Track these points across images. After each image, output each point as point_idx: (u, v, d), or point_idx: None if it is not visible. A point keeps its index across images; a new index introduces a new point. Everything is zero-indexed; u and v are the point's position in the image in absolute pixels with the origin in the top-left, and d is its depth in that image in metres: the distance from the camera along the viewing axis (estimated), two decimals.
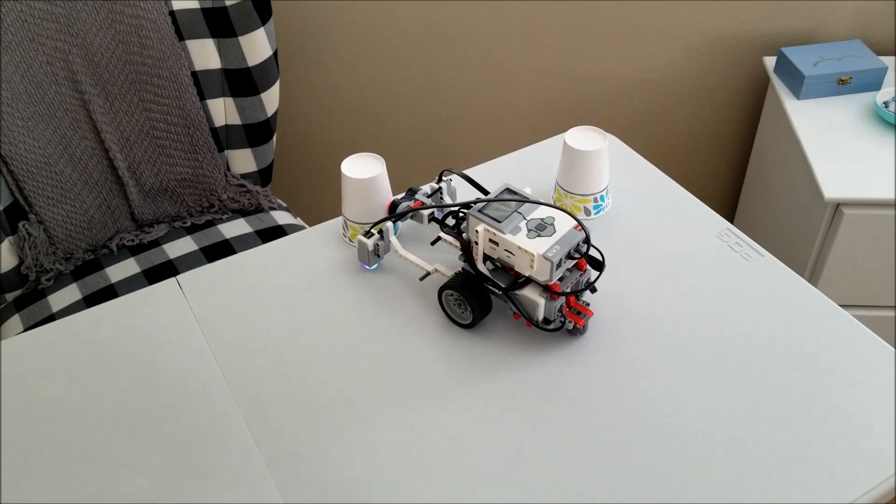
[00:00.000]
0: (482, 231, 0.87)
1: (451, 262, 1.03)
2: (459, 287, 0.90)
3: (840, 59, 1.60)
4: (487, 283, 0.90)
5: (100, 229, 1.49)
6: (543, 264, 0.84)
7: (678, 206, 1.09)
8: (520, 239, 0.85)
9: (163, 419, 0.85)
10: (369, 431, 0.83)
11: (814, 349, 0.89)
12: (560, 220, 0.87)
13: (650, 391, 0.86)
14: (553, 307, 0.88)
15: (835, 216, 1.43)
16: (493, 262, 0.91)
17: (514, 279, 0.89)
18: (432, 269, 0.98)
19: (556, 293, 0.87)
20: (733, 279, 0.98)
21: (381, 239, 1.00)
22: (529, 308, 0.89)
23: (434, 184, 1.04)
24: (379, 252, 1.01)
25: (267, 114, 1.54)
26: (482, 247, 0.89)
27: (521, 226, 0.86)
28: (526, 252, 0.84)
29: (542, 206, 0.88)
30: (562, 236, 0.85)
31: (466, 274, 0.92)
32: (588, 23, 1.74)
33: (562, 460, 0.80)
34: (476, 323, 0.93)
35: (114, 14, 1.40)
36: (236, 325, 0.95)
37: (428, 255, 1.04)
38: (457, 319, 0.94)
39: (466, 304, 0.91)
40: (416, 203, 1.01)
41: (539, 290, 0.88)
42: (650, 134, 1.94)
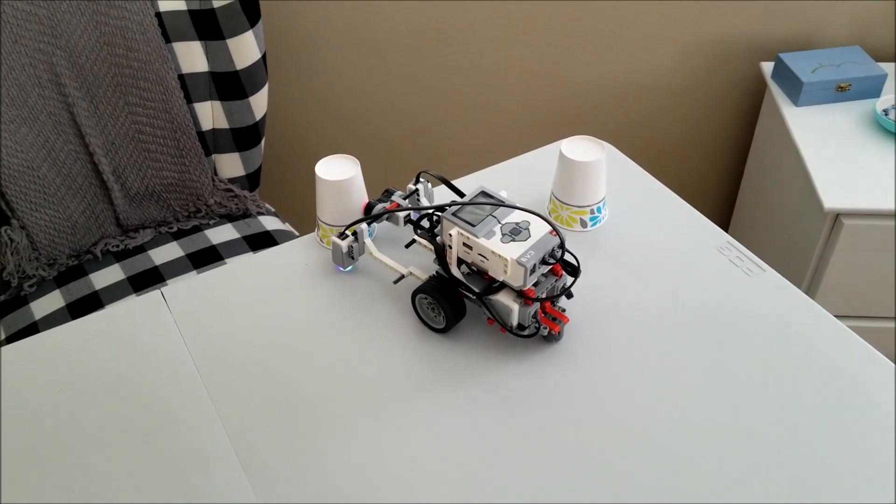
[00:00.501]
0: (456, 234, 0.85)
1: (425, 266, 1.00)
2: (433, 291, 0.89)
3: (839, 66, 1.58)
4: (461, 287, 0.88)
5: (84, 235, 1.45)
6: (517, 269, 0.82)
7: (677, 219, 1.07)
8: (493, 243, 0.83)
9: (146, 436, 0.82)
10: (351, 439, 0.81)
11: (815, 367, 0.87)
12: (535, 225, 0.85)
13: (636, 399, 0.83)
14: (527, 313, 0.86)
15: (834, 226, 1.41)
16: (468, 266, 0.89)
17: (489, 284, 0.87)
18: (406, 272, 0.96)
19: (531, 299, 0.85)
20: (734, 295, 0.96)
21: (356, 241, 0.98)
22: (503, 314, 0.87)
23: (411, 185, 1.02)
24: (353, 254, 0.99)
25: (255, 118, 1.51)
26: (456, 250, 0.87)
27: (495, 230, 0.84)
28: (499, 257, 0.82)
29: (518, 211, 0.86)
30: (536, 241, 0.83)
31: (440, 278, 0.90)
32: (581, 26, 1.71)
33: (536, 465, 0.78)
34: (449, 328, 0.91)
35: (98, 16, 1.37)
36: (220, 338, 0.92)
37: (403, 258, 1.02)
38: (430, 324, 0.92)
39: (440, 309, 0.90)
40: (392, 205, 0.99)
41: (513, 295, 0.86)
42: (644, 140, 1.91)
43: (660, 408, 0.84)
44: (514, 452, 0.80)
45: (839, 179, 1.41)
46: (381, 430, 0.82)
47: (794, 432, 0.81)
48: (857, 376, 0.86)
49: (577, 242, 1.03)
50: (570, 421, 0.83)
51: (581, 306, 0.95)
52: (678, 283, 0.98)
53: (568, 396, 0.85)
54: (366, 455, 0.80)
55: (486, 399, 0.85)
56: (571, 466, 0.79)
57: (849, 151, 1.47)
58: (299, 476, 0.79)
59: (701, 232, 1.05)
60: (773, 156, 1.64)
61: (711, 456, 0.79)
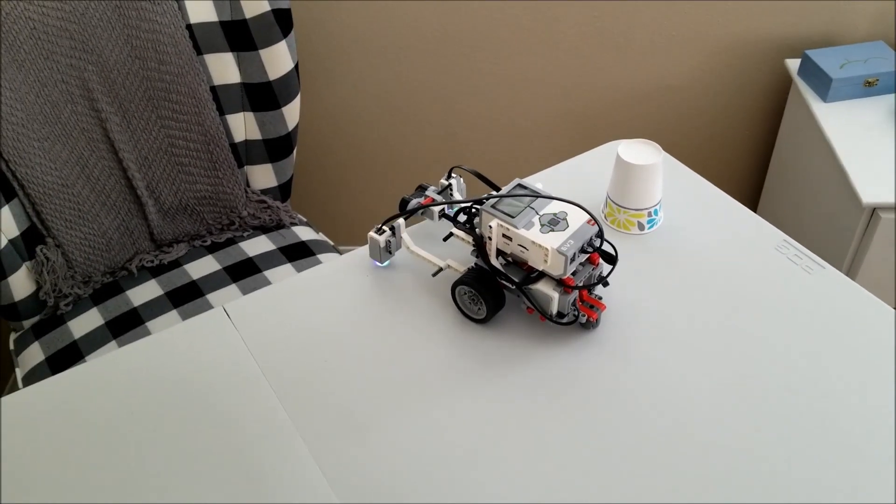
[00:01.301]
0: (496, 226, 0.87)
1: (462, 258, 1.02)
2: (473, 282, 0.91)
3: (865, 62, 1.59)
4: (501, 277, 0.90)
5: (118, 251, 1.44)
6: (557, 259, 0.84)
7: (732, 219, 1.07)
8: (533, 234, 0.85)
9: (225, 451, 0.81)
10: (409, 428, 0.82)
11: (879, 360, 0.87)
12: (573, 215, 0.87)
13: (684, 389, 0.83)
14: (567, 301, 0.88)
15: (871, 220, 1.41)
16: (505, 258, 0.91)
17: (527, 274, 0.89)
18: (444, 265, 0.98)
19: (570, 287, 0.87)
20: (795, 292, 0.96)
21: (393, 235, 1.00)
22: (543, 302, 0.89)
23: (444, 180, 1.03)
24: (391, 249, 1.01)
25: (288, 128, 1.50)
26: (495, 242, 0.89)
27: (534, 221, 0.87)
28: (540, 247, 0.84)
29: (555, 201, 0.88)
30: (575, 231, 0.85)
31: (479, 269, 0.92)
32: (606, 29, 1.71)
33: (580, 452, 0.80)
34: (490, 318, 0.93)
35: (129, 29, 1.35)
36: (284, 349, 0.91)
37: (439, 252, 1.03)
38: (470, 315, 0.94)
39: (480, 299, 0.92)
40: (427, 200, 1.00)
41: (553, 284, 0.88)
42: (672, 139, 1.91)
43: (708, 400, 0.84)
44: (561, 438, 0.81)
45: (874, 174, 1.41)
46: (433, 418, 0.84)
47: (864, 424, 0.81)
48: None
49: (636, 245, 1.03)
50: (610, 406, 0.84)
51: (636, 303, 0.95)
52: (738, 282, 0.98)
53: (606, 385, 0.86)
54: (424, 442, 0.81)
55: (529, 386, 0.87)
56: (612, 450, 0.80)
57: (880, 145, 1.48)
58: (371, 470, 0.78)
59: (757, 231, 1.05)
60: (802, 152, 1.65)
61: (768, 447, 0.79)
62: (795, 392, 0.85)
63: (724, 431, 0.82)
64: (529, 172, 1.97)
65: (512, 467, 0.79)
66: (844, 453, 0.79)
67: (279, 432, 0.83)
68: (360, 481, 0.79)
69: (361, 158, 1.94)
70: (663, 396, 0.85)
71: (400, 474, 0.79)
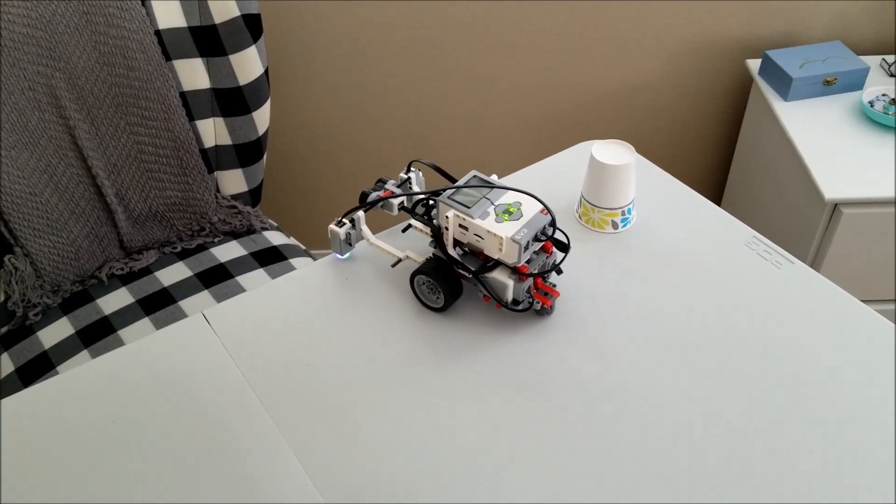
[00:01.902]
0: (452, 217, 0.90)
1: (421, 249, 1.05)
2: (431, 272, 0.94)
3: (824, 61, 1.63)
4: (458, 267, 0.93)
5: (88, 259, 1.43)
6: (511, 247, 0.86)
7: (702, 217, 1.09)
8: (488, 223, 0.88)
9: (208, 453, 0.81)
10: (378, 417, 0.81)
11: (855, 355, 0.90)
12: (527, 205, 0.90)
13: (655, 387, 0.85)
14: (521, 288, 0.91)
15: (832, 216, 1.45)
16: (462, 248, 0.94)
17: (484, 263, 0.92)
18: (403, 255, 1.01)
19: (525, 275, 0.90)
20: (765, 286, 0.99)
21: (353, 228, 1.02)
22: (499, 290, 0.92)
23: (403, 175, 1.05)
24: (351, 241, 1.03)
25: (258, 133, 1.49)
26: (452, 232, 0.91)
27: (489, 211, 0.89)
28: (495, 235, 0.87)
29: (510, 192, 0.92)
30: (528, 220, 0.88)
31: (437, 259, 0.95)
32: (575, 31, 1.74)
33: (535, 433, 0.83)
34: (448, 306, 0.95)
35: (97, 35, 1.34)
36: (268, 358, 0.91)
37: (399, 244, 1.06)
38: (429, 304, 0.97)
39: (438, 289, 0.94)
40: (386, 192, 1.02)
41: (508, 272, 0.91)
42: (636, 139, 1.94)
43: (677, 394, 0.86)
44: (514, 420, 0.84)
45: (835, 170, 1.45)
46: (394, 407, 0.86)
47: (834, 412, 0.84)
48: (889, 356, 0.90)
49: (610, 244, 1.05)
50: (566, 388, 0.87)
51: (611, 300, 0.97)
52: (710, 276, 1.00)
53: (563, 368, 0.89)
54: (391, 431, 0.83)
55: (486, 371, 0.89)
56: (568, 434, 0.83)
57: (840, 142, 1.52)
58: (356, 469, 0.79)
59: (727, 228, 1.07)
60: (764, 149, 1.69)
61: (744, 440, 0.82)
62: (766, 380, 0.87)
63: (682, 415, 0.84)
64: (504, 174, 1.99)
65: (472, 451, 0.82)
66: (815, 442, 0.82)
67: (263, 435, 0.83)
68: (344, 480, 0.79)
69: (332, 163, 1.94)
70: (622, 381, 0.88)
71: (383, 472, 0.80)
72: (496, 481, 0.79)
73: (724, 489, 0.78)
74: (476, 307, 0.97)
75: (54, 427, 0.85)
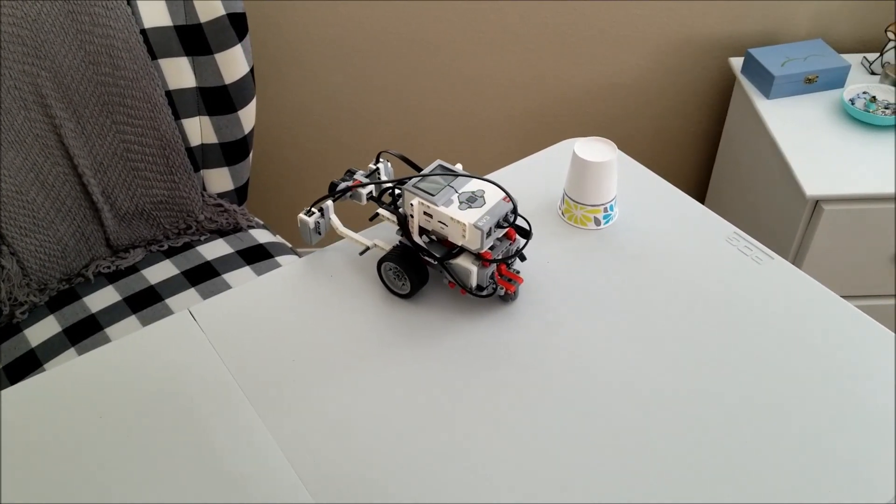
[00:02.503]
0: (417, 204, 0.92)
1: (388, 238, 1.07)
2: (397, 259, 0.96)
3: (805, 59, 1.65)
4: (423, 254, 0.95)
5: (74, 257, 1.43)
6: (474, 233, 0.89)
7: (684, 213, 1.10)
8: (452, 210, 0.90)
9: (192, 449, 0.81)
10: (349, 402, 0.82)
11: (833, 348, 0.91)
12: (489, 193, 0.92)
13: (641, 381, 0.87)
14: (485, 274, 0.93)
15: (814, 212, 1.47)
16: (428, 235, 0.96)
17: (449, 250, 0.94)
18: (371, 244, 1.03)
19: (488, 261, 0.92)
20: (746, 282, 1.00)
21: (322, 217, 1.04)
22: (463, 276, 0.94)
23: (372, 165, 1.07)
24: (320, 230, 1.05)
25: (244, 131, 1.50)
26: (417, 220, 0.94)
27: (453, 199, 0.92)
28: (458, 222, 0.89)
29: (474, 180, 0.94)
30: (491, 207, 0.90)
31: (403, 247, 0.97)
32: (559, 30, 1.75)
33: (500, 417, 0.85)
34: (414, 292, 0.98)
35: (83, 34, 1.35)
36: (255, 355, 0.92)
37: (368, 233, 1.08)
38: (396, 290, 0.99)
39: (405, 275, 0.96)
40: (355, 182, 1.04)
41: (471, 258, 0.93)
42: (622, 135, 1.96)
43: (664, 388, 0.87)
44: (479, 404, 0.87)
45: (816, 167, 1.47)
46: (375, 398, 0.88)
47: (810, 410, 0.85)
48: (868, 352, 0.91)
49: (592, 240, 1.06)
50: (531, 372, 0.90)
51: (596, 296, 0.98)
52: (692, 272, 1.01)
53: (527, 352, 0.92)
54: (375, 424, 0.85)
55: (453, 356, 0.92)
56: (531, 417, 0.85)
57: (821, 140, 1.53)
58: (346, 468, 0.80)
59: (708, 224, 1.09)
60: (747, 147, 1.71)
61: (724, 437, 0.83)
62: (745, 373, 0.89)
63: (653, 404, 0.85)
64: (489, 171, 2.00)
65: (440, 433, 0.84)
66: (793, 436, 0.83)
67: (250, 432, 0.84)
68: (334, 478, 0.80)
69: (318, 161, 1.95)
70: (590, 367, 0.91)
71: (371, 467, 0.81)
72: (475, 467, 0.81)
73: (700, 483, 0.79)
74: (442, 293, 0.99)
75: (40, 424, 0.85)
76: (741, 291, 0.99)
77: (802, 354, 0.91)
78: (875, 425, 0.84)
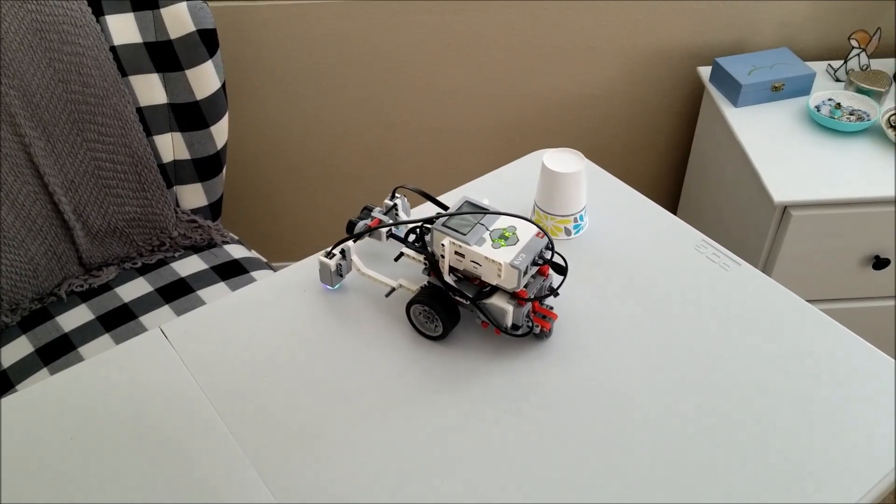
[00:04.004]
0: (448, 244, 0.89)
1: (413, 277, 1.04)
2: (428, 301, 0.92)
3: (771, 67, 1.67)
4: (455, 294, 0.92)
5: (46, 277, 1.42)
6: (511, 273, 0.86)
7: (653, 221, 1.12)
8: (486, 250, 0.87)
9: (167, 470, 0.81)
10: (363, 446, 0.82)
11: (798, 352, 0.93)
12: (522, 229, 0.90)
13: (627, 390, 0.88)
14: (521, 313, 0.90)
15: (783, 218, 1.49)
16: (456, 274, 0.93)
17: (480, 289, 0.91)
18: (396, 284, 0.99)
19: (524, 299, 0.89)
20: (714, 288, 1.01)
21: (343, 259, 1.01)
22: (498, 316, 0.91)
23: (388, 201, 1.05)
24: (341, 272, 1.02)
25: (217, 146, 1.50)
26: (448, 259, 0.90)
27: (485, 237, 0.89)
28: (493, 262, 0.86)
29: (503, 217, 0.91)
30: (525, 244, 0.88)
31: (432, 287, 0.94)
32: (529, 42, 1.77)
33: (537, 461, 0.83)
34: (446, 334, 0.94)
35: (52, 52, 1.34)
36: (225, 367, 0.92)
37: (390, 272, 1.05)
38: (426, 332, 0.96)
39: (436, 317, 0.93)
40: (374, 221, 1.02)
41: (506, 297, 0.90)
42: (594, 146, 1.97)
43: (651, 398, 0.88)
44: (515, 448, 0.84)
45: (784, 174, 1.49)
46: (388, 434, 0.85)
47: (782, 414, 0.87)
48: (833, 354, 0.93)
49: (563, 250, 1.07)
50: (566, 415, 0.87)
51: (572, 309, 0.99)
52: (662, 281, 1.03)
53: (562, 392, 0.89)
54: (377, 458, 0.82)
55: (484, 398, 0.89)
56: (570, 460, 0.83)
57: (789, 146, 1.56)
58: (318, 485, 0.80)
59: (676, 232, 1.10)
60: (716, 155, 1.73)
61: (700, 439, 0.84)
62: (712, 377, 0.90)
63: (666, 426, 0.86)
64: (459, 183, 2.01)
65: (477, 477, 0.82)
66: (760, 439, 0.84)
67: (223, 451, 0.84)
68: (305, 495, 0.80)
69: (293, 175, 1.95)
70: (617, 399, 0.89)
71: (343, 486, 0.81)
72: None
73: (664, 487, 0.80)
74: (473, 333, 0.96)
75: (12, 444, 0.84)
76: (709, 298, 1.00)
77: (767, 358, 0.92)
78: (841, 427, 0.85)
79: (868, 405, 0.87)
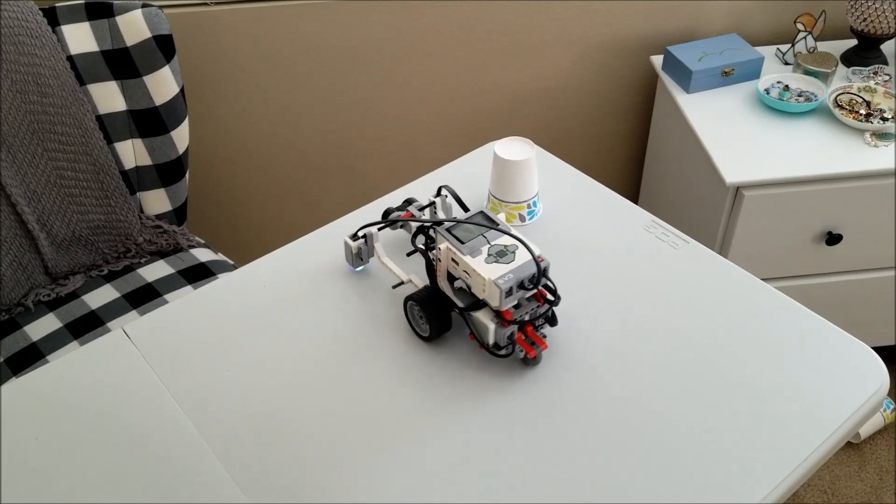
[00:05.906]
0: (444, 249, 0.89)
1: (425, 275, 1.05)
2: (421, 301, 0.92)
3: (721, 53, 1.71)
4: (447, 300, 0.92)
5: (12, 287, 1.43)
6: (493, 290, 0.85)
7: (603, 204, 1.15)
8: (477, 262, 0.86)
9: (136, 471, 0.83)
10: (337, 443, 0.84)
11: (747, 321, 0.96)
12: (522, 250, 0.88)
13: (592, 374, 0.90)
14: (503, 334, 0.88)
15: (736, 199, 1.53)
16: (464, 282, 0.91)
17: (475, 301, 0.90)
18: (406, 279, 1.00)
19: (507, 321, 0.88)
20: (665, 266, 1.05)
21: (366, 244, 1.03)
22: (481, 331, 0.90)
23: (431, 197, 1.06)
24: (363, 256, 1.04)
25: (178, 151, 1.51)
26: (445, 264, 0.90)
27: (482, 249, 0.88)
28: (479, 276, 0.86)
29: (507, 236, 0.89)
30: (518, 266, 0.86)
31: (433, 289, 0.94)
32: (484, 35, 1.79)
33: (510, 473, 0.84)
34: (433, 338, 0.95)
35: (8, 64, 1.35)
36: (190, 366, 0.94)
37: (407, 266, 1.07)
38: (418, 331, 0.96)
39: (426, 319, 0.93)
40: (406, 214, 1.03)
41: (491, 314, 0.89)
42: (552, 136, 2.01)
43: (610, 379, 0.91)
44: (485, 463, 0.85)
45: (735, 155, 1.53)
46: (359, 429, 0.87)
47: (736, 390, 0.90)
48: (782, 323, 0.96)
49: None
50: (533, 405, 0.89)
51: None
52: (615, 261, 1.06)
53: (527, 379, 0.91)
54: (348, 455, 0.84)
55: (463, 410, 0.89)
56: (546, 474, 0.85)
57: (740, 129, 1.60)
58: (289, 479, 0.82)
59: (627, 214, 1.13)
60: (671, 140, 1.77)
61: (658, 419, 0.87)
62: (667, 357, 0.93)
63: (575, 391, 0.89)
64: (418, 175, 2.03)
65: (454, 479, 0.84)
66: (716, 419, 0.87)
67: (189, 447, 0.86)
68: (272, 486, 0.82)
69: (258, 175, 1.96)
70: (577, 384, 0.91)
71: (319, 484, 0.83)
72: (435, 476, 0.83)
73: (616, 477, 0.83)
74: (465, 344, 0.96)
75: None
76: (660, 275, 1.03)
77: (718, 332, 0.96)
78: (796, 400, 0.88)
79: (821, 376, 0.91)
